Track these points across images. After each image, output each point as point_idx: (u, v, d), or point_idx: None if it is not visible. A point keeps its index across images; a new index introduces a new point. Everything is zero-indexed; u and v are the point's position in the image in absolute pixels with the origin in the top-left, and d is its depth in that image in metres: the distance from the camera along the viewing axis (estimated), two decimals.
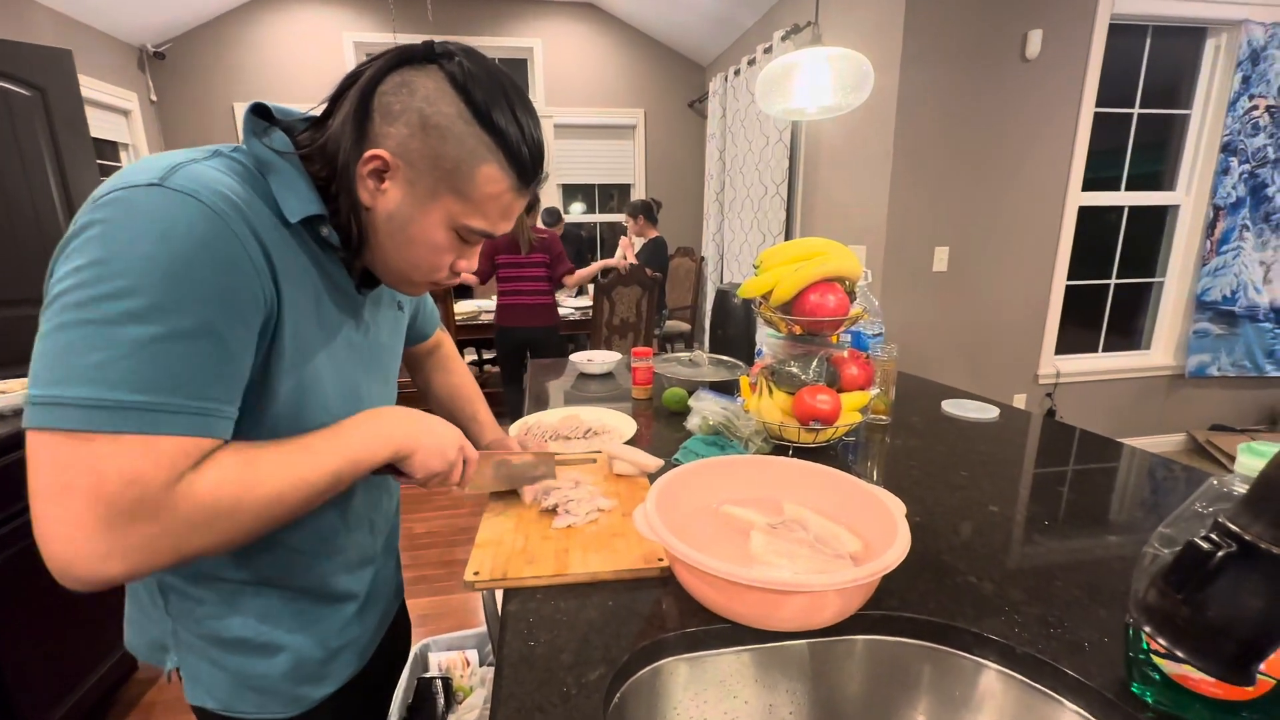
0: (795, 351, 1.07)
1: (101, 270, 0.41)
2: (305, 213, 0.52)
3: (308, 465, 0.51)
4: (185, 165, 0.46)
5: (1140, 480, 0.99)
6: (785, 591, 0.55)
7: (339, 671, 0.68)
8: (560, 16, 4.70)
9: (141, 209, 0.42)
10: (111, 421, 0.41)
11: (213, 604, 0.59)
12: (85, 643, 1.45)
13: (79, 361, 0.40)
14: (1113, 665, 0.54)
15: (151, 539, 0.43)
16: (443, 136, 0.52)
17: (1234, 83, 2.83)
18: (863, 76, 1.39)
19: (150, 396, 0.42)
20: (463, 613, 2.03)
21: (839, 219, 3.10)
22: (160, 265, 0.41)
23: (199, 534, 0.45)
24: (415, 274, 0.59)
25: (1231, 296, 3.05)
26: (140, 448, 0.42)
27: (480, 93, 0.52)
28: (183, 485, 0.44)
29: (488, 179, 0.54)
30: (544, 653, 0.57)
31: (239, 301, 0.46)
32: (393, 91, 0.52)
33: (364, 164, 0.52)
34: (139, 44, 3.98)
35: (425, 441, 0.61)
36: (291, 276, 0.51)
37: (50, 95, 2.17)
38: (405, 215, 0.54)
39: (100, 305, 0.40)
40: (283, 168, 0.52)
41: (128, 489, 0.41)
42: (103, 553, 0.41)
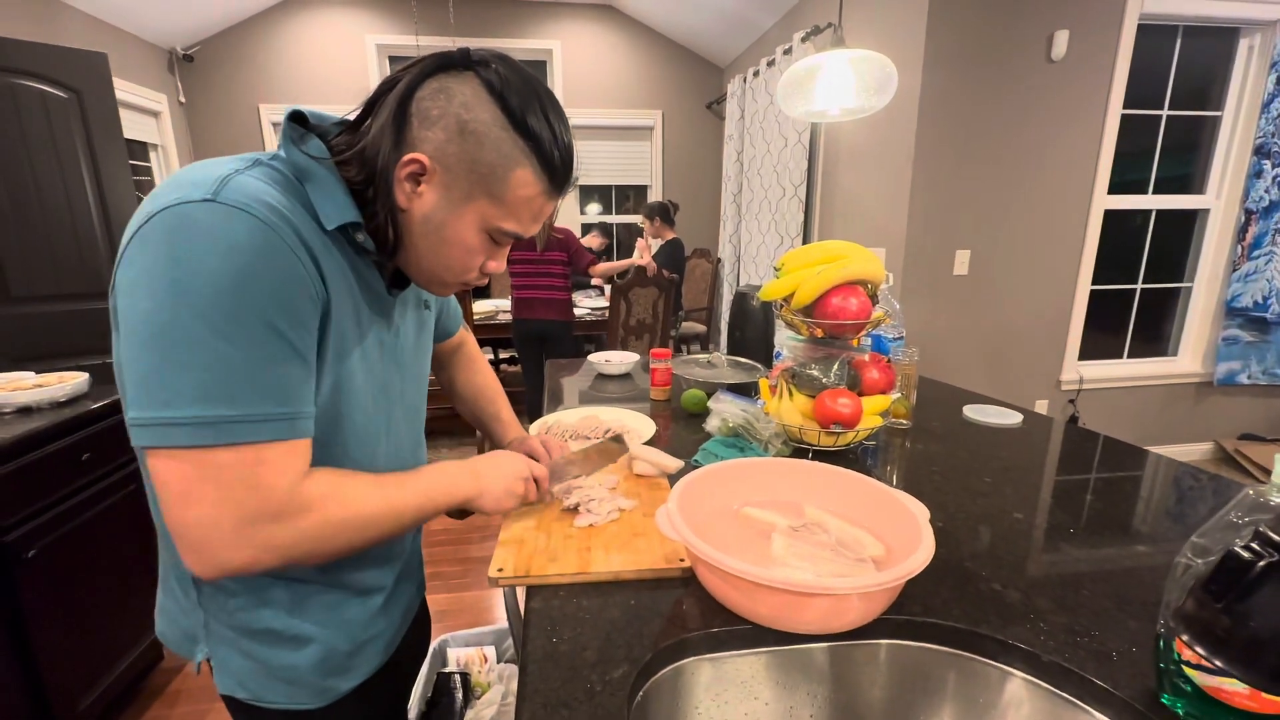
0: (816, 354, 1.06)
1: (176, 290, 0.43)
2: (342, 220, 0.53)
3: (395, 495, 0.58)
4: (232, 177, 0.47)
5: (1167, 489, 0.97)
6: (808, 594, 0.55)
7: (365, 664, 0.69)
8: (579, 18, 4.72)
9: (201, 226, 0.44)
10: (220, 436, 0.45)
11: (244, 596, 0.60)
12: (114, 631, 1.49)
13: (178, 381, 0.44)
14: (1142, 675, 0.54)
15: (271, 538, 0.49)
16: (480, 141, 0.53)
17: (1268, 84, 2.76)
18: (886, 78, 1.38)
19: (248, 409, 0.46)
20: (478, 609, 2.04)
21: (858, 221, 3.07)
22: (229, 281, 0.44)
23: (311, 539, 0.51)
24: (447, 275, 0.61)
25: (1263, 303, 2.98)
26: (254, 456, 0.47)
27: (516, 99, 0.54)
28: (299, 492, 0.50)
29: (521, 182, 0.56)
30: (568, 650, 0.57)
31: (301, 308, 0.49)
32: (430, 97, 0.53)
33: (402, 167, 0.53)
34: (169, 46, 4.08)
35: (492, 487, 0.68)
36: (333, 280, 0.54)
37: (86, 97, 2.23)
38: (440, 218, 0.56)
39: (184, 325, 0.43)
40: (320, 176, 0.53)
41: (251, 495, 0.47)
42: (230, 549, 0.47)
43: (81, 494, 1.40)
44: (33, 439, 1.27)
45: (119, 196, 2.34)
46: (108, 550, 1.48)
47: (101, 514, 1.46)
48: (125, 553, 1.54)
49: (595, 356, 1.71)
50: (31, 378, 1.49)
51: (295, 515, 0.50)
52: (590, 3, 4.69)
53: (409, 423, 0.72)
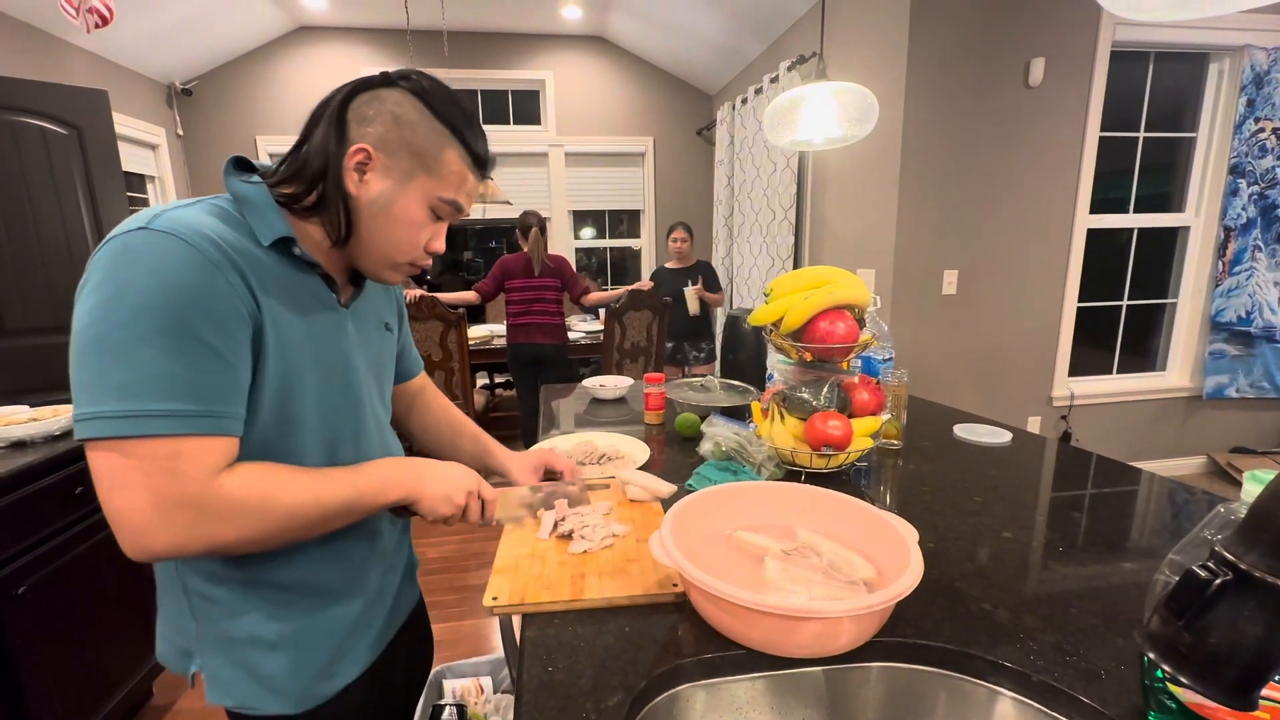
0: (806, 377, 1.08)
1: (109, 305, 0.50)
2: (275, 235, 0.60)
3: (323, 487, 0.60)
4: (169, 211, 0.55)
5: (1158, 506, 0.99)
6: (800, 618, 0.56)
7: (350, 667, 0.72)
8: (570, 49, 4.84)
9: (133, 250, 0.52)
10: (140, 427, 0.50)
11: (228, 603, 0.64)
12: (104, 668, 1.47)
13: (107, 382, 0.50)
14: (1129, 693, 0.55)
15: (190, 524, 0.53)
16: (413, 129, 0.63)
17: (1239, 106, 2.85)
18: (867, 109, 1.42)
19: (169, 405, 0.51)
20: (475, 639, 2.02)
21: (847, 243, 3.12)
22: (154, 294, 0.50)
23: (228, 525, 0.55)
24: (397, 253, 0.66)
25: (1247, 317, 3.03)
26: (169, 448, 0.52)
27: (437, 99, 0.64)
28: (216, 482, 0.54)
29: (452, 160, 0.65)
30: (563, 679, 0.58)
31: (225, 319, 0.54)
32: (365, 104, 0.63)
33: (350, 158, 0.61)
34: (168, 81, 4.15)
35: (430, 490, 0.68)
36: (272, 293, 0.59)
37: (86, 134, 2.26)
38: (388, 196, 0.63)
39: (112, 335, 0.50)
40: (255, 200, 0.61)
41: (169, 482, 0.51)
42: (153, 532, 0.52)
43: (74, 528, 1.39)
44: (26, 473, 1.27)
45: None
46: (99, 586, 1.47)
47: (94, 548, 1.45)
48: (117, 588, 1.52)
49: (590, 381, 1.72)
50: (26, 411, 1.49)
51: (213, 503, 0.54)
52: (581, 34, 4.81)
53: (379, 430, 0.75)
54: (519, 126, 4.96)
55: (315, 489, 0.60)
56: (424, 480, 0.68)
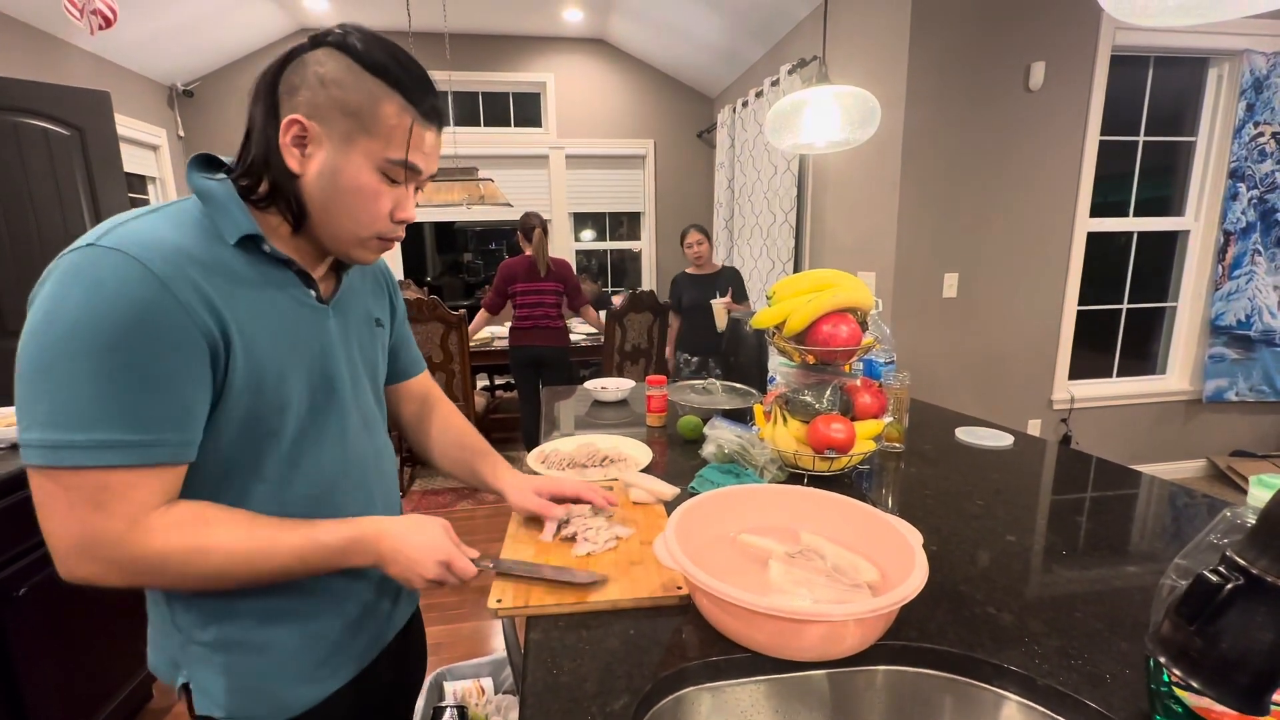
0: (809, 380, 1.08)
1: (43, 327, 0.48)
2: (240, 232, 0.57)
3: (261, 550, 0.57)
4: (123, 224, 0.53)
5: (1159, 509, 0.99)
6: (805, 620, 0.56)
7: (338, 673, 0.69)
8: (572, 52, 4.85)
9: (74, 269, 0.49)
10: (63, 459, 0.48)
11: (212, 610, 0.62)
12: (103, 671, 1.46)
13: (36, 408, 0.49)
14: (1135, 698, 0.55)
15: (111, 562, 0.52)
16: (341, 86, 0.57)
17: (1238, 110, 2.86)
18: (869, 113, 1.43)
19: (96, 434, 0.49)
20: (474, 640, 2.02)
21: (848, 246, 3.13)
22: (88, 317, 0.48)
23: (150, 575, 0.54)
24: (360, 228, 0.61)
25: (1246, 321, 3.03)
26: (97, 480, 0.50)
27: (363, 47, 0.58)
28: (138, 531, 0.52)
29: (390, 113, 0.58)
30: (568, 681, 0.58)
31: (169, 337, 0.51)
32: (290, 74, 0.58)
33: (284, 134, 0.57)
34: (169, 83, 4.15)
35: (398, 563, 0.63)
36: (240, 298, 0.56)
37: (88, 135, 2.27)
38: (332, 167, 0.58)
39: (43, 358, 0.48)
40: (218, 196, 0.58)
41: (93, 516, 0.50)
42: (76, 560, 0.51)
43: None
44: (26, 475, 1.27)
45: None
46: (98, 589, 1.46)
47: None
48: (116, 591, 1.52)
49: (591, 383, 1.72)
50: None
51: (136, 542, 0.52)
52: (582, 37, 4.82)
53: (367, 429, 0.72)
54: (520, 129, 4.97)
55: (250, 551, 0.56)
56: (383, 554, 0.63)
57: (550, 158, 4.96)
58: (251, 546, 0.57)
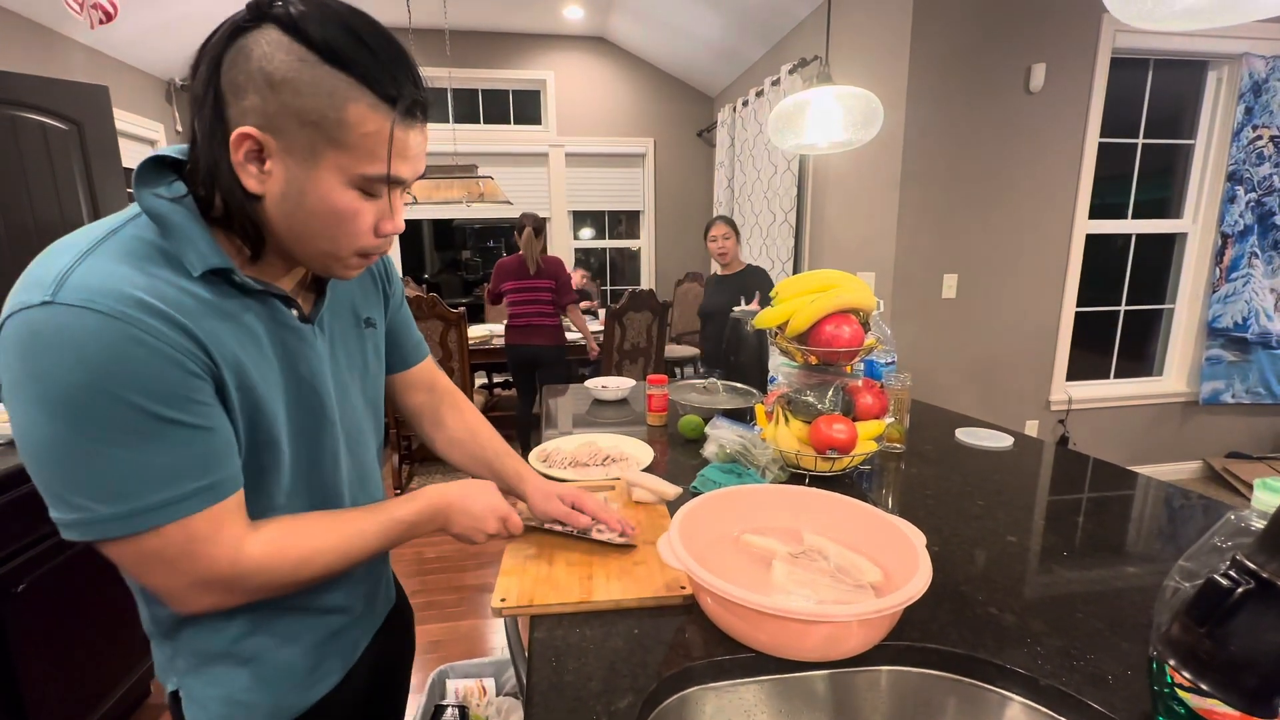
0: (811, 381, 1.08)
1: (45, 408, 0.44)
2: (206, 265, 0.50)
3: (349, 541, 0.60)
4: (73, 270, 0.45)
5: (1157, 510, 0.99)
6: (810, 621, 0.56)
7: (324, 679, 0.68)
8: (572, 49, 4.85)
9: (45, 336, 0.43)
10: (138, 524, 0.47)
11: (202, 624, 0.60)
12: (102, 667, 1.46)
13: (80, 492, 0.45)
14: (1137, 699, 0.55)
15: (226, 593, 0.54)
16: (295, 89, 0.46)
17: (1237, 114, 2.87)
18: (872, 113, 1.43)
19: (154, 497, 0.47)
20: (473, 639, 2.02)
21: (847, 246, 3.13)
22: (91, 390, 0.44)
23: (265, 591, 0.56)
24: (336, 248, 0.54)
25: (1243, 323, 3.05)
26: (181, 533, 0.49)
27: (316, 29, 0.46)
28: (243, 560, 0.53)
29: (360, 119, 0.48)
30: (573, 680, 0.58)
31: (177, 385, 0.47)
32: (231, 66, 0.47)
33: (236, 151, 0.48)
34: (167, 78, 4.13)
35: (459, 524, 0.70)
36: (221, 335, 0.51)
37: (86, 129, 2.26)
38: (298, 187, 0.49)
39: (64, 442, 0.44)
40: (176, 222, 0.49)
41: (194, 565, 0.51)
42: (194, 603, 0.53)
43: None
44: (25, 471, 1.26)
45: None
46: (97, 584, 1.46)
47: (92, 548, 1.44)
48: (114, 587, 1.51)
49: (592, 382, 1.72)
50: None
51: (245, 570, 0.53)
52: (583, 34, 4.82)
53: (351, 451, 0.68)
54: (520, 126, 4.96)
55: (346, 545, 0.60)
56: (451, 517, 0.69)
57: (550, 156, 4.96)
58: (344, 540, 0.59)
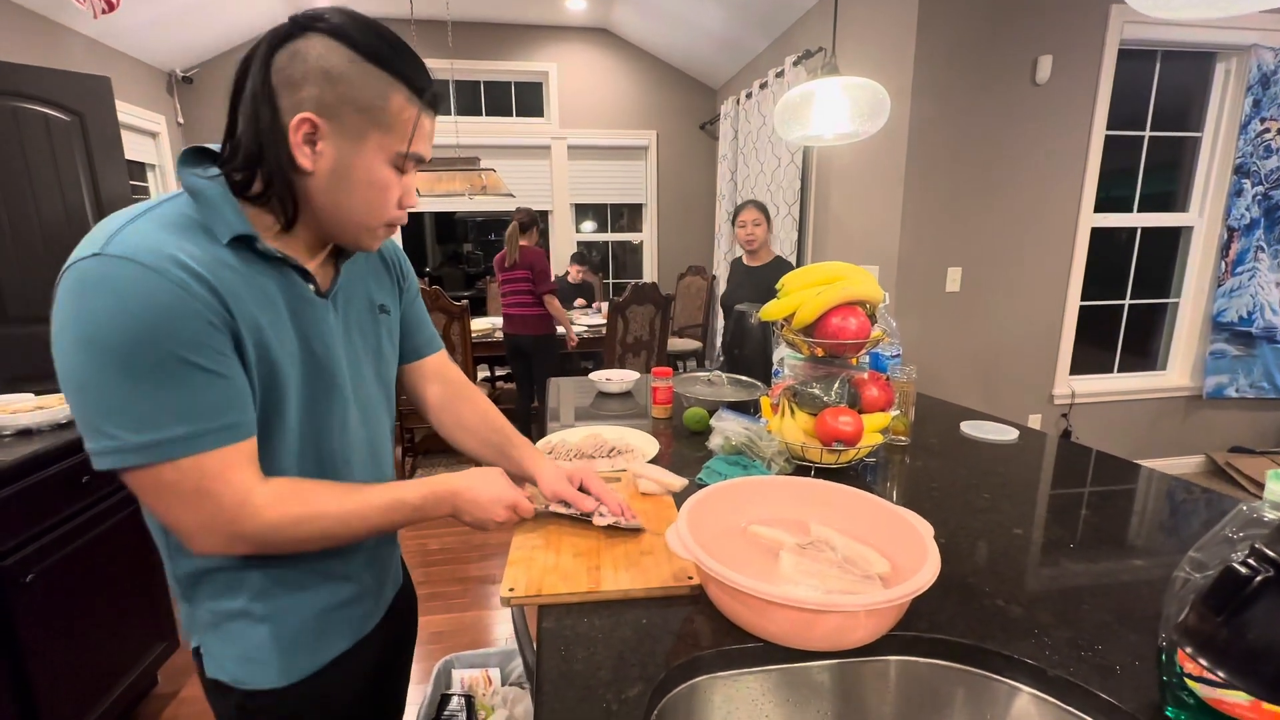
0: (817, 373, 1.08)
1: (86, 346, 0.50)
2: (233, 233, 0.57)
3: (364, 503, 0.64)
4: (122, 230, 0.52)
5: (1160, 503, 0.99)
6: (818, 611, 0.56)
7: (333, 645, 0.72)
8: (574, 41, 4.82)
9: (92, 281, 0.50)
10: (159, 455, 0.53)
11: (223, 583, 0.65)
12: (110, 657, 1.47)
13: (111, 420, 0.51)
14: (1146, 689, 0.55)
15: (233, 539, 0.57)
16: (349, 82, 0.57)
17: (1245, 106, 2.85)
18: (879, 105, 1.42)
19: (174, 431, 0.53)
20: (478, 629, 2.03)
21: (851, 239, 3.12)
22: (127, 329, 0.50)
23: (270, 545, 0.59)
24: (370, 218, 0.63)
25: (1248, 317, 3.04)
26: (194, 468, 0.54)
27: (361, 38, 0.57)
28: (249, 507, 0.57)
29: (399, 106, 0.59)
30: (582, 670, 0.58)
31: (201, 334, 0.53)
32: (287, 65, 0.56)
33: (295, 132, 0.56)
34: (168, 69, 4.12)
35: (470, 513, 0.72)
36: (243, 297, 0.57)
37: (88, 120, 2.25)
38: (346, 162, 0.59)
39: (101, 376, 0.50)
40: (209, 194, 0.57)
41: (205, 500, 0.55)
42: (203, 541, 0.57)
43: (81, 516, 1.39)
44: (33, 462, 1.27)
45: None
46: (106, 574, 1.47)
47: (100, 537, 1.45)
48: (123, 576, 1.53)
49: (596, 374, 1.72)
50: (31, 399, 1.49)
51: (251, 516, 0.57)
52: (585, 26, 4.79)
53: (365, 423, 0.73)
54: (522, 118, 4.94)
55: (347, 513, 0.63)
56: (460, 504, 0.71)
57: (552, 148, 4.94)
58: (348, 509, 0.63)
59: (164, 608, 1.67)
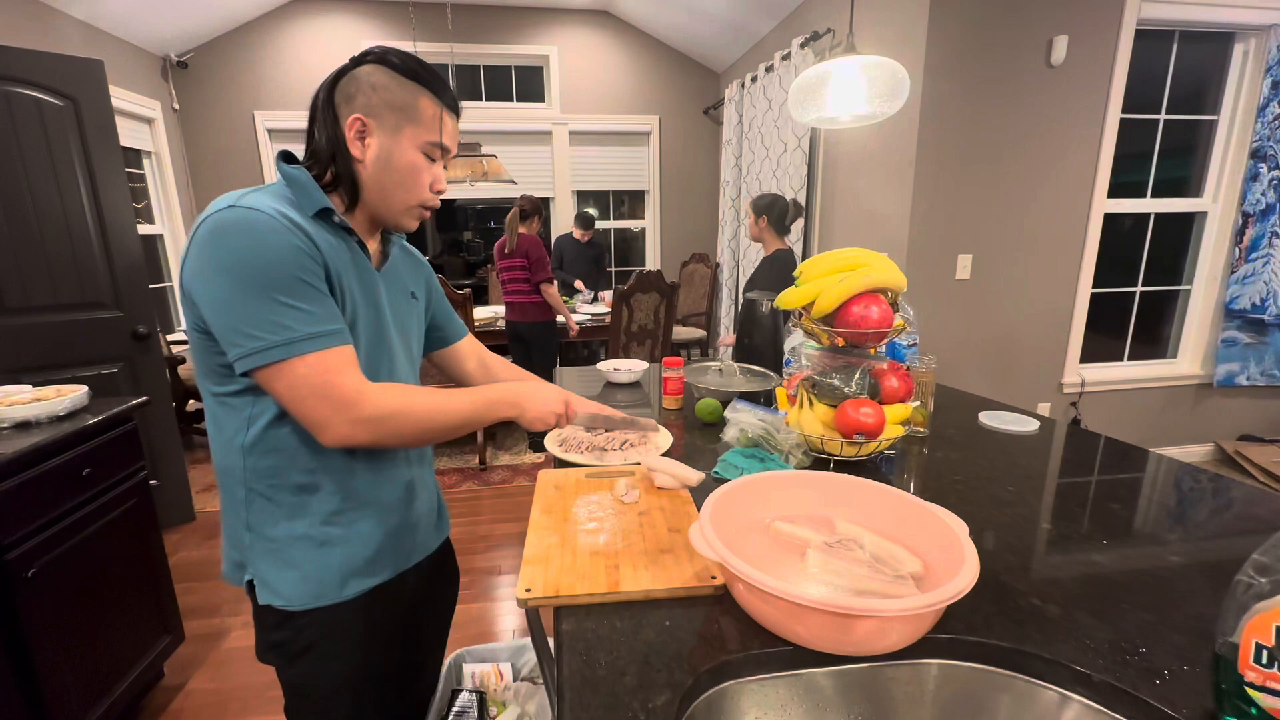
0: (835, 363, 1.05)
1: (228, 272, 0.67)
2: (316, 207, 0.75)
3: (447, 403, 0.78)
4: (246, 195, 0.71)
5: (1195, 496, 0.97)
6: (855, 615, 0.54)
7: (380, 571, 0.84)
8: (576, 24, 4.72)
9: (230, 224, 0.68)
10: (293, 350, 0.68)
11: (287, 506, 0.77)
12: (116, 650, 1.45)
13: (252, 328, 0.67)
14: (1198, 695, 0.53)
15: (356, 424, 0.71)
16: (389, 89, 0.77)
17: (1263, 88, 2.79)
18: (898, 85, 1.37)
19: (303, 330, 0.68)
20: (485, 621, 2.02)
21: (859, 226, 3.08)
22: (258, 257, 0.67)
23: (383, 430, 0.72)
24: (409, 197, 0.81)
25: (1261, 305, 3.00)
26: (319, 362, 0.69)
27: (398, 61, 0.78)
28: (367, 394, 0.71)
29: (426, 105, 0.79)
30: (606, 675, 0.56)
31: (309, 266, 0.70)
32: (344, 87, 0.77)
33: (349, 129, 0.76)
34: (163, 53, 4.04)
35: (530, 411, 0.85)
36: (328, 251, 0.74)
37: (82, 105, 2.20)
38: (387, 151, 0.78)
39: (241, 293, 0.66)
40: (300, 181, 0.76)
41: (331, 390, 0.69)
42: (331, 426, 0.70)
43: (83, 510, 1.37)
44: (32, 454, 1.24)
45: (115, 205, 2.31)
46: (110, 568, 1.45)
47: (103, 530, 1.42)
48: (126, 570, 1.51)
49: (604, 364, 1.69)
50: (29, 391, 1.46)
51: (368, 402, 0.71)
52: (587, 8, 4.69)
53: (409, 370, 0.89)
54: (522, 104, 4.86)
55: (437, 405, 0.76)
56: (523, 404, 0.85)
57: (553, 134, 4.86)
58: (439, 400, 0.77)
59: (168, 600, 1.66)
